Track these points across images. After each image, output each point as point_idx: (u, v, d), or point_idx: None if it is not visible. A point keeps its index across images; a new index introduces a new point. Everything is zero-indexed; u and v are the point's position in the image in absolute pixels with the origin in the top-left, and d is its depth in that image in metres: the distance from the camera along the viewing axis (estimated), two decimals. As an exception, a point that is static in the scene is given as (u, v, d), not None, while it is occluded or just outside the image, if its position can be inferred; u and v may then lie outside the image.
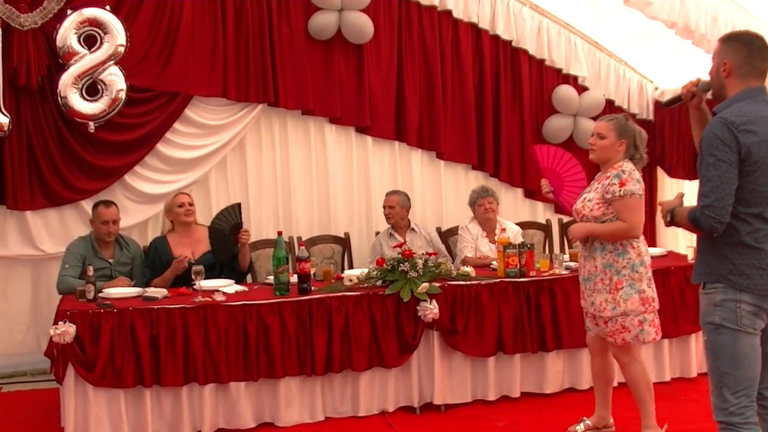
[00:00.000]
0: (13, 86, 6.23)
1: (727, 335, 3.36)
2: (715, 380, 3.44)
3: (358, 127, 7.33)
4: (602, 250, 4.58)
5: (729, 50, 3.45)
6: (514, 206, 7.78)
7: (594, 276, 4.61)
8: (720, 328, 3.38)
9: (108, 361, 4.87)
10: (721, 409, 3.41)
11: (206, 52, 6.77)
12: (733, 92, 3.42)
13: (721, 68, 3.44)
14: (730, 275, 3.36)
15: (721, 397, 3.40)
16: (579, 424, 4.95)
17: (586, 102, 7.77)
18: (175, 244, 5.98)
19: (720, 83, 3.48)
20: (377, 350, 5.30)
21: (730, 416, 3.38)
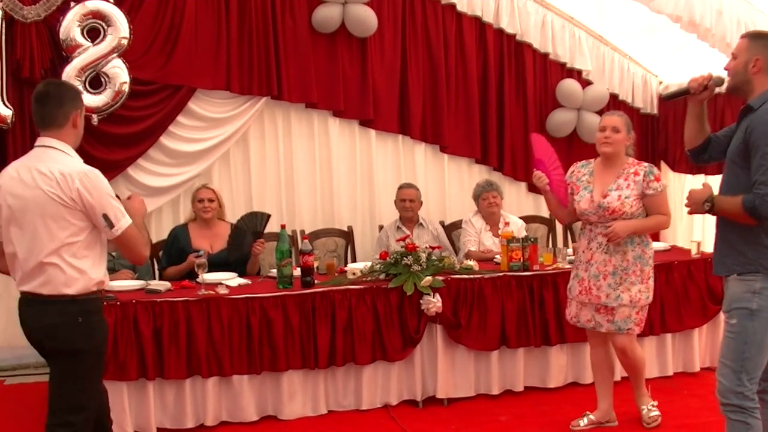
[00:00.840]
0: (17, 78, 6.22)
1: (762, 322, 3.44)
2: (736, 364, 3.49)
3: (361, 120, 7.33)
4: (632, 243, 4.68)
5: (761, 47, 3.51)
6: (518, 200, 7.77)
7: (624, 269, 4.68)
8: (756, 314, 3.45)
9: (111, 353, 4.83)
10: (735, 393, 3.48)
11: (209, 45, 6.76)
12: (763, 88, 3.48)
13: (751, 64, 3.50)
14: None
15: (738, 381, 3.47)
16: (582, 418, 4.96)
17: (590, 96, 7.75)
18: (195, 235, 5.95)
19: (746, 79, 3.53)
20: (380, 344, 5.30)
21: (745, 400, 3.47)
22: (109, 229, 3.47)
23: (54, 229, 3.42)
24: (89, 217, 3.44)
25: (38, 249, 3.43)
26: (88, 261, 3.49)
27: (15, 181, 3.48)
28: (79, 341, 3.49)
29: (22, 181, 3.46)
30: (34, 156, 3.55)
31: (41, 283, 3.44)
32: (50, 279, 3.43)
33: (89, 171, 3.47)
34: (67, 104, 3.58)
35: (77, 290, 3.45)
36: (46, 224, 3.42)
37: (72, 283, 3.44)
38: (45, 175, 3.43)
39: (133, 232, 3.54)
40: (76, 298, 3.46)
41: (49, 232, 3.42)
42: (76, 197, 3.40)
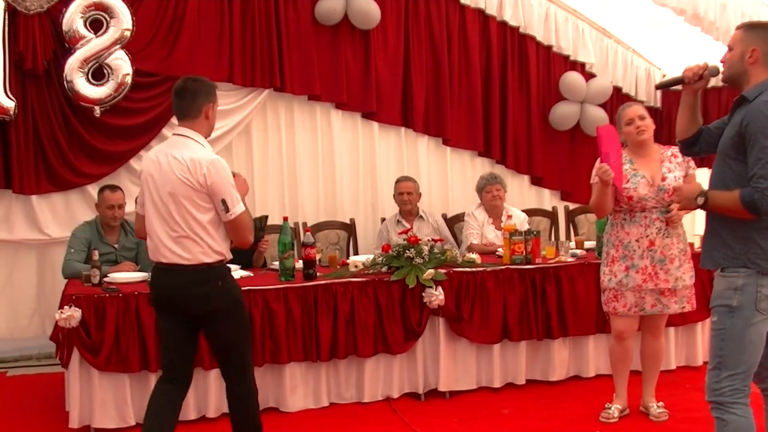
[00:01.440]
0: (19, 70, 6.23)
1: (741, 320, 3.37)
2: (715, 360, 3.45)
3: (364, 112, 7.32)
4: (681, 227, 4.82)
5: (757, 37, 3.44)
6: (520, 193, 7.77)
7: (682, 251, 4.80)
8: (735, 312, 3.39)
9: (113, 345, 4.86)
10: (713, 390, 3.44)
11: (212, 37, 6.75)
12: (759, 79, 3.42)
13: (747, 55, 3.42)
14: (758, 259, 3.36)
15: (717, 377, 3.43)
16: (610, 410, 4.95)
17: (593, 89, 7.75)
18: None
19: (742, 69, 3.46)
20: (382, 336, 5.30)
21: (721, 396, 3.41)
22: (225, 213, 3.88)
23: (187, 207, 3.85)
24: (211, 200, 3.86)
25: (175, 225, 3.88)
26: (216, 235, 3.93)
27: (154, 165, 3.94)
28: (222, 303, 3.97)
29: (160, 164, 3.91)
30: (171, 143, 4.01)
31: (180, 254, 3.88)
32: (188, 250, 3.88)
33: (216, 160, 3.89)
34: (201, 98, 4.00)
35: (212, 259, 3.92)
36: (181, 203, 3.85)
37: (206, 253, 3.89)
38: (178, 161, 3.86)
39: (244, 217, 3.96)
40: (211, 266, 3.93)
41: (184, 210, 3.85)
42: (202, 182, 3.82)
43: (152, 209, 3.93)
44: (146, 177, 3.97)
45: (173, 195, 3.85)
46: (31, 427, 5.09)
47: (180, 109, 4.03)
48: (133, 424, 4.96)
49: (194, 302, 3.93)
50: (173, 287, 3.94)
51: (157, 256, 3.96)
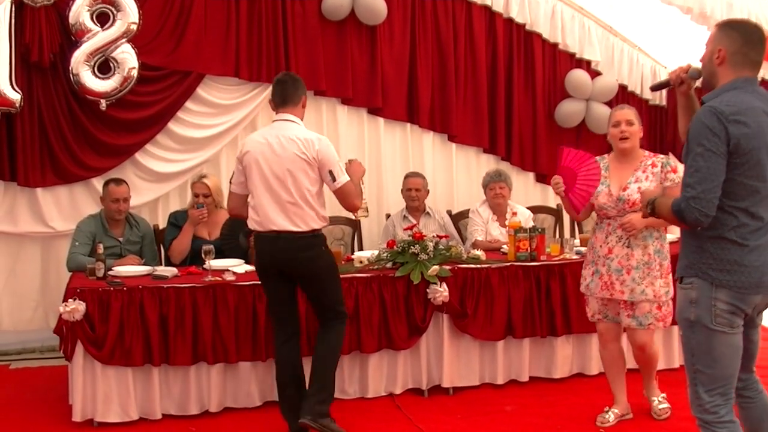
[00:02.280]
0: (25, 63, 6.23)
1: (702, 333, 3.26)
2: (690, 377, 3.35)
3: (370, 108, 7.32)
4: (651, 237, 4.65)
5: (725, 37, 3.31)
6: (525, 190, 7.75)
7: (646, 264, 4.63)
8: (695, 326, 3.27)
9: (117, 339, 4.87)
10: (696, 405, 3.35)
11: (219, 31, 6.75)
12: (724, 81, 3.29)
13: (715, 55, 3.30)
14: (709, 270, 3.24)
15: (695, 394, 3.33)
16: (607, 414, 4.90)
17: (599, 87, 7.73)
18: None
19: (711, 70, 3.35)
20: (386, 332, 5.30)
21: (704, 413, 3.31)
22: (333, 182, 4.58)
23: (302, 180, 4.52)
24: (320, 172, 4.54)
25: (290, 196, 4.51)
26: (322, 203, 4.65)
27: (264, 146, 4.56)
28: (324, 264, 4.69)
29: (271, 145, 4.54)
30: (277, 127, 4.64)
31: (293, 222, 4.53)
32: (301, 218, 4.54)
33: (323, 138, 4.68)
34: (300, 89, 4.71)
35: (319, 225, 4.62)
36: (296, 177, 4.51)
37: (315, 220, 4.59)
38: (292, 140, 4.54)
39: (350, 186, 4.65)
40: (317, 232, 4.62)
41: (298, 182, 4.51)
42: (315, 156, 4.53)
43: (263, 185, 4.54)
44: (254, 157, 4.56)
45: (291, 171, 4.50)
46: (34, 420, 5.09)
47: (284, 97, 4.66)
48: (136, 418, 4.99)
49: (302, 265, 4.57)
50: (285, 251, 4.54)
51: (268, 226, 4.54)
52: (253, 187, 4.60)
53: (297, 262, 4.57)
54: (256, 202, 4.60)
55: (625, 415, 4.95)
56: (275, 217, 4.53)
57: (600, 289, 4.75)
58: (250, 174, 4.60)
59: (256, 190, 4.58)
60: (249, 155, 4.60)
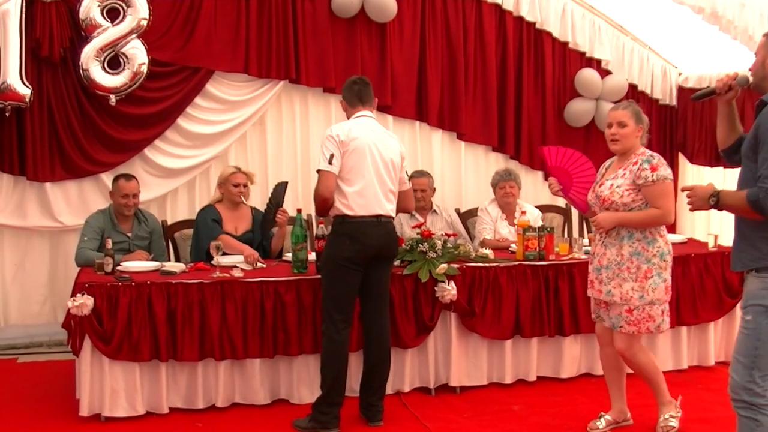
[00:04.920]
0: (36, 57, 6.23)
1: None
2: (747, 360, 3.45)
3: (379, 106, 7.17)
4: (630, 238, 4.47)
5: None
6: (534, 189, 7.72)
7: (618, 264, 4.48)
8: None
9: (125, 334, 4.88)
10: (746, 390, 3.45)
11: (229, 28, 6.74)
12: None
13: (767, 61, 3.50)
14: None
15: (749, 377, 3.43)
16: (599, 420, 4.83)
17: (609, 86, 7.70)
18: (223, 216, 5.93)
19: (764, 76, 3.53)
20: (394, 330, 5.26)
21: (755, 397, 3.43)
22: (407, 182, 5.04)
23: (397, 172, 4.88)
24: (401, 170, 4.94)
25: (392, 184, 4.83)
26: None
27: (373, 135, 4.79)
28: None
29: (378, 136, 4.82)
30: (370, 122, 4.89)
31: (392, 208, 4.85)
32: (393, 205, 4.87)
33: None
34: (372, 89, 5.01)
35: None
36: (396, 168, 4.85)
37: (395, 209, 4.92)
38: (390, 136, 5.00)
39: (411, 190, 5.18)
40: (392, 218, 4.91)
41: (396, 174, 4.86)
42: (403, 154, 4.96)
43: (373, 171, 4.73)
44: (366, 143, 4.73)
45: (393, 162, 4.80)
46: (41, 414, 5.10)
47: (367, 96, 4.93)
48: (143, 413, 4.99)
49: (395, 246, 4.96)
50: (387, 235, 4.81)
51: (374, 210, 4.73)
52: (360, 171, 4.70)
53: (394, 243, 4.91)
54: (363, 187, 4.71)
55: (622, 421, 4.84)
56: (383, 202, 4.75)
57: (589, 288, 4.73)
58: (359, 158, 4.69)
59: (366, 174, 4.71)
60: (360, 140, 4.70)
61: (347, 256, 4.68)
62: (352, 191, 4.68)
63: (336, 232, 4.77)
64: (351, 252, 4.68)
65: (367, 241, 4.70)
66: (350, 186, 4.69)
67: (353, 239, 4.68)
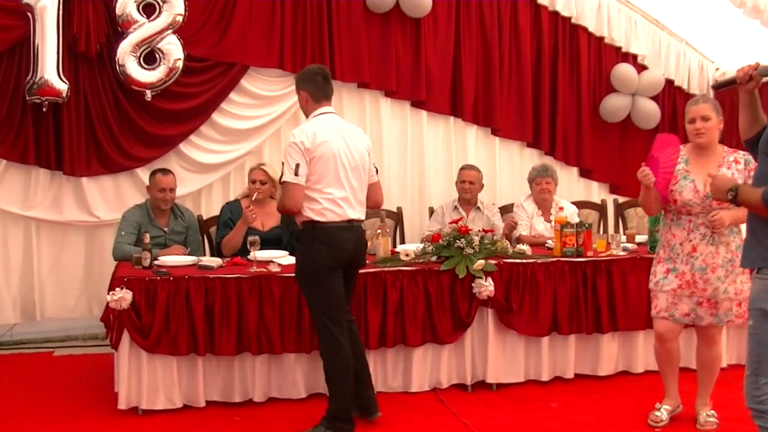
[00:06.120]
0: (72, 53, 6.26)
1: None
2: (752, 366, 3.39)
3: (413, 101, 7.28)
4: (732, 233, 4.55)
5: None
6: (569, 185, 7.67)
7: (730, 261, 4.52)
8: None
9: (163, 328, 4.88)
10: (752, 396, 3.38)
11: (263, 23, 6.75)
12: None
13: None
14: None
15: (755, 384, 3.36)
16: (659, 411, 4.80)
17: (645, 81, 7.64)
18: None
19: None
20: (431, 326, 5.26)
21: (761, 404, 3.35)
22: (375, 175, 4.83)
23: (365, 171, 4.68)
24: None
25: (362, 186, 4.67)
26: None
27: (338, 136, 4.54)
28: None
29: (343, 136, 4.57)
30: (335, 119, 4.66)
31: (361, 211, 4.67)
32: (363, 207, 4.70)
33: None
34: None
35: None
36: (364, 168, 4.65)
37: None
38: (357, 133, 4.74)
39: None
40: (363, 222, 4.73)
41: (364, 174, 4.67)
42: (370, 149, 4.78)
43: (343, 176, 4.52)
44: (334, 148, 4.49)
45: (362, 162, 4.63)
46: (80, 407, 5.12)
47: (330, 90, 4.67)
48: (180, 406, 5.00)
49: (364, 253, 4.82)
50: (360, 240, 4.68)
51: (346, 215, 4.54)
52: (329, 177, 4.47)
53: (363, 251, 4.79)
54: (335, 193, 4.49)
55: (676, 408, 4.86)
56: (356, 206, 4.61)
57: (678, 287, 4.60)
58: (326, 164, 4.46)
59: (335, 180, 4.49)
60: (326, 145, 4.46)
61: (325, 263, 4.49)
62: (322, 198, 4.47)
63: (308, 239, 4.54)
64: (327, 258, 4.49)
65: (341, 245, 4.52)
66: (319, 193, 4.47)
67: (327, 245, 4.49)
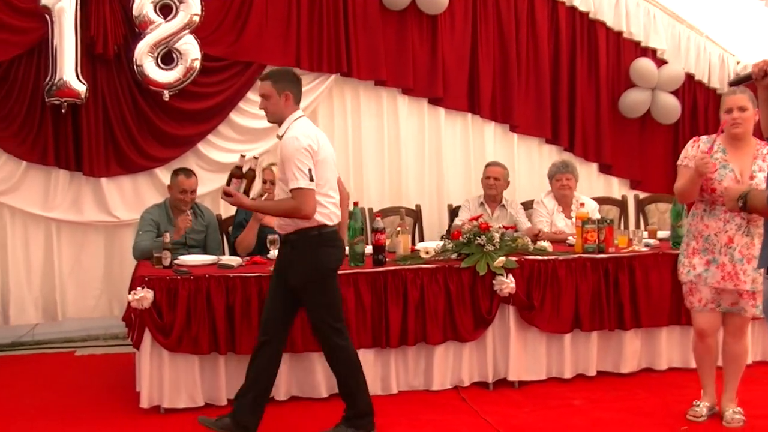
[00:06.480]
0: (90, 54, 6.28)
1: None
2: None
3: (430, 98, 7.26)
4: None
5: None
6: (588, 181, 7.62)
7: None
8: None
9: (184, 327, 4.88)
10: None
11: (280, 22, 6.75)
12: None
13: None
14: None
15: None
16: (698, 407, 4.78)
17: (664, 76, 7.58)
18: None
19: None
20: (452, 324, 5.23)
21: None
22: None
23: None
24: None
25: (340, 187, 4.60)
26: None
27: (328, 144, 4.51)
28: None
29: (326, 139, 4.52)
30: (308, 121, 4.52)
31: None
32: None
33: None
34: None
35: None
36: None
37: None
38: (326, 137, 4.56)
39: None
40: None
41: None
42: None
43: (334, 178, 4.51)
44: (329, 151, 4.50)
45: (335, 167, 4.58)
46: (102, 406, 5.13)
47: (300, 95, 4.57)
48: (202, 405, 4.99)
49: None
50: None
51: (336, 219, 4.47)
52: (330, 180, 4.45)
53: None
54: (335, 196, 4.47)
55: (713, 409, 4.80)
56: (338, 211, 4.53)
57: (722, 279, 4.55)
58: (327, 167, 4.41)
59: (333, 183, 4.49)
60: (325, 148, 4.42)
61: (333, 266, 4.46)
62: (327, 201, 4.40)
63: (314, 243, 4.39)
64: (336, 261, 4.48)
65: (342, 246, 4.57)
66: (325, 197, 4.39)
67: (336, 248, 4.47)
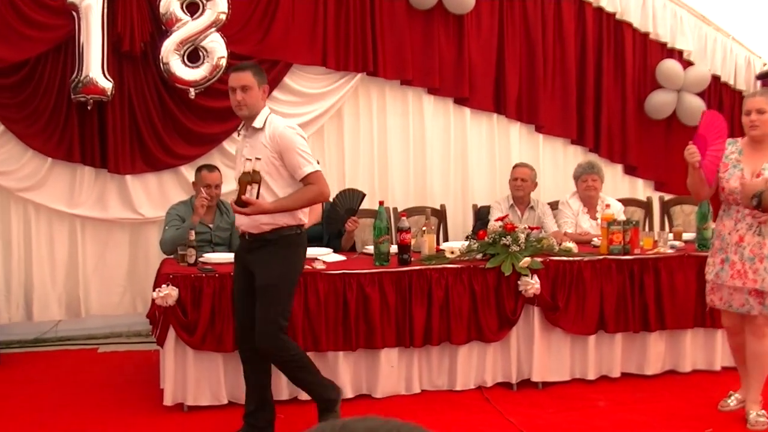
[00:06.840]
0: (117, 52, 6.30)
1: None
2: None
3: (456, 98, 7.24)
4: None
5: None
6: (613, 183, 7.58)
7: None
8: None
9: (208, 325, 4.88)
10: None
11: (306, 21, 6.75)
12: None
13: None
14: None
15: None
16: (729, 398, 4.87)
17: (691, 77, 7.53)
18: None
19: None
20: (476, 324, 5.22)
21: None
22: None
23: None
24: None
25: None
26: None
27: None
28: None
29: None
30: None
31: None
32: None
33: None
34: None
35: None
36: None
37: None
38: None
39: None
40: None
41: None
42: None
43: None
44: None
45: None
46: (126, 403, 5.14)
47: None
48: (226, 403, 5.00)
49: None
50: None
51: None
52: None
53: None
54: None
55: (743, 403, 4.82)
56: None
57: (731, 277, 4.57)
58: None
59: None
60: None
61: (301, 269, 4.46)
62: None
63: (294, 243, 4.31)
64: (303, 264, 4.45)
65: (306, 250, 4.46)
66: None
67: (305, 250, 4.41)
